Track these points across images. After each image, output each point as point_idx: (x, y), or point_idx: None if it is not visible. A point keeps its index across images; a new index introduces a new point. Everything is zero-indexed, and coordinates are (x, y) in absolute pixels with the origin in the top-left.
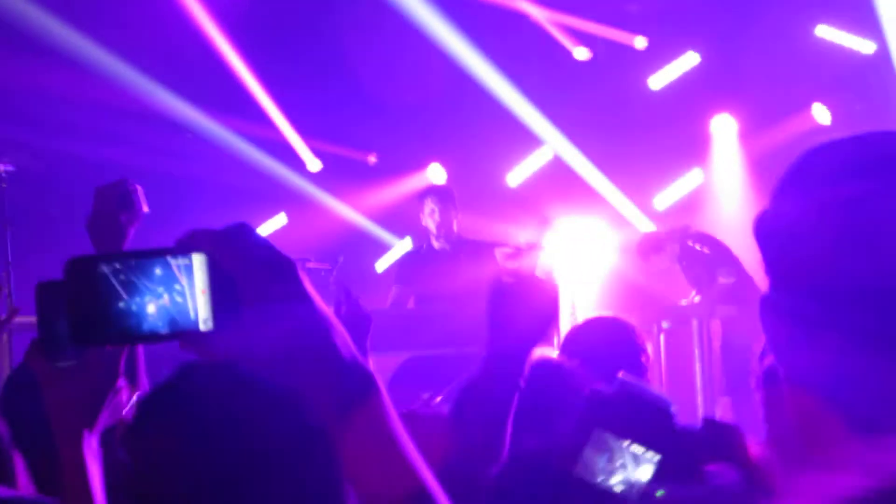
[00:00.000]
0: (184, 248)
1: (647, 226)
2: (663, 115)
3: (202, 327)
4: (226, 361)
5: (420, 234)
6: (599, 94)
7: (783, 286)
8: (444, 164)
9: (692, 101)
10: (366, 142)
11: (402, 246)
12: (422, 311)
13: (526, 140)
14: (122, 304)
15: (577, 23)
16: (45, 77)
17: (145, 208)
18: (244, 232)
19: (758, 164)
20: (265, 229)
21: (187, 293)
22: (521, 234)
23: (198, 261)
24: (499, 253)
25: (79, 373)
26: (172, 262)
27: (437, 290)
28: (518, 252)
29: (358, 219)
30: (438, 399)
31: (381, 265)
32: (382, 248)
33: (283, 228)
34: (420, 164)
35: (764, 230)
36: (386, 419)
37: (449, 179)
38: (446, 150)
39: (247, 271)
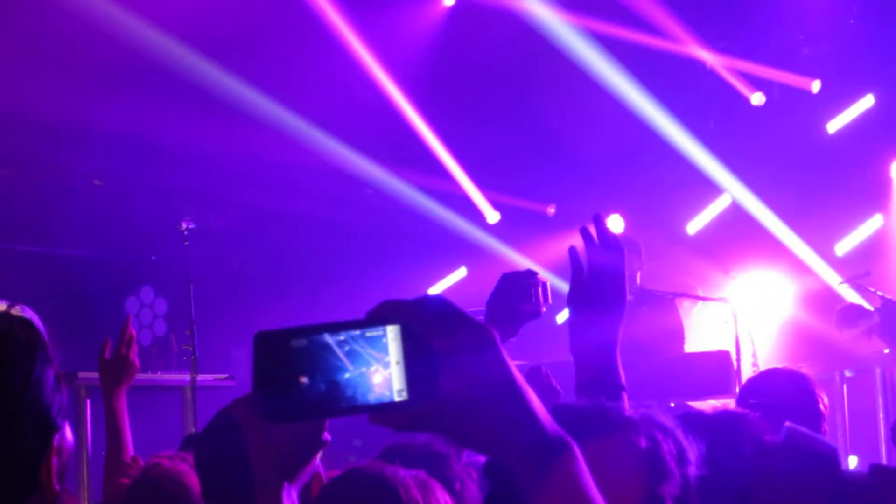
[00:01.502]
0: (376, 320)
1: (827, 273)
2: (841, 159)
3: (397, 398)
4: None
5: None
6: (776, 139)
7: None
8: (624, 213)
9: (870, 144)
10: (544, 193)
11: None
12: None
13: (704, 188)
14: (315, 379)
15: (751, 68)
16: (228, 136)
17: (545, 306)
18: (440, 301)
19: None
20: (448, 282)
21: (381, 365)
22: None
23: (391, 332)
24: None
25: (286, 426)
26: (365, 334)
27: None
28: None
29: (538, 270)
30: None
31: (562, 317)
32: (563, 301)
33: (464, 281)
34: None
35: None
36: (583, 482)
37: (628, 229)
38: (625, 199)
39: (445, 341)
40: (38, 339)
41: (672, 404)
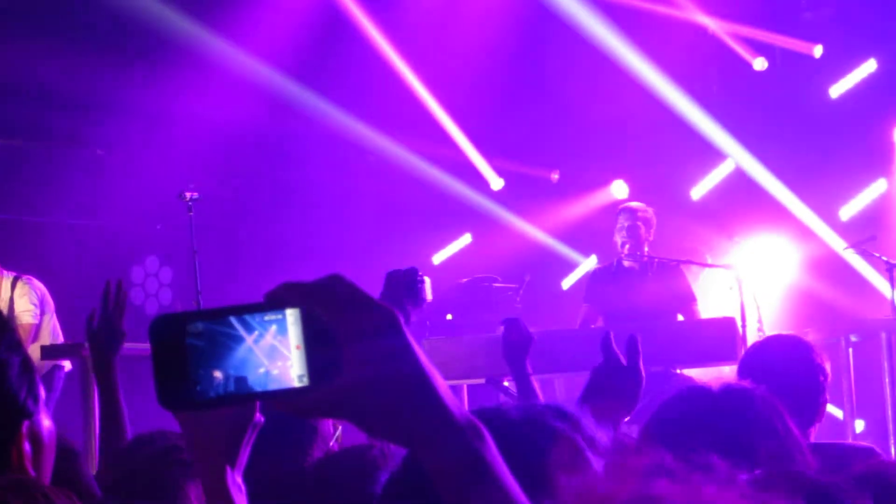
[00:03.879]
0: (275, 303)
1: (831, 238)
2: (844, 123)
3: (297, 384)
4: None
5: (608, 251)
6: (779, 104)
7: None
8: (628, 180)
9: (873, 108)
10: (548, 159)
11: (587, 264)
12: (609, 330)
13: (708, 153)
14: (215, 364)
15: (753, 33)
16: (230, 111)
17: (429, 298)
18: (339, 284)
19: None
20: (453, 248)
21: (281, 350)
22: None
23: (292, 316)
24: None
25: (217, 412)
26: (264, 318)
27: (625, 308)
28: None
29: (542, 237)
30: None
31: (567, 283)
32: (568, 266)
33: (469, 248)
34: (603, 181)
35: None
36: (494, 468)
37: (632, 195)
38: (629, 166)
39: (345, 324)
40: (3, 324)
41: (678, 370)
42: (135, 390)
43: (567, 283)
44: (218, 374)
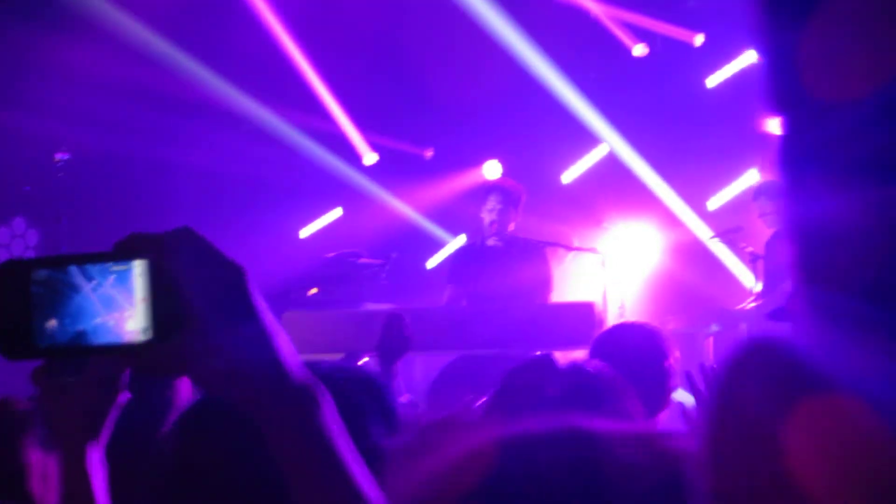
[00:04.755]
0: (123, 254)
1: (698, 226)
2: (719, 114)
3: (141, 337)
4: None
5: (474, 230)
6: (656, 91)
7: (825, 284)
8: (501, 160)
9: (749, 100)
10: (422, 136)
11: (455, 243)
12: (471, 310)
13: (582, 137)
14: (55, 314)
15: (635, 19)
16: (103, 68)
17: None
18: (189, 237)
19: None
20: (321, 222)
21: (126, 302)
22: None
23: (139, 267)
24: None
25: (80, 388)
26: (111, 268)
27: (488, 289)
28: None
29: (412, 214)
30: (480, 402)
31: (433, 262)
32: (436, 245)
33: (338, 222)
34: (476, 161)
35: (804, 223)
36: (325, 431)
37: (504, 176)
38: (502, 146)
39: (191, 278)
40: None
41: (537, 353)
42: None
43: (433, 262)
44: (60, 324)
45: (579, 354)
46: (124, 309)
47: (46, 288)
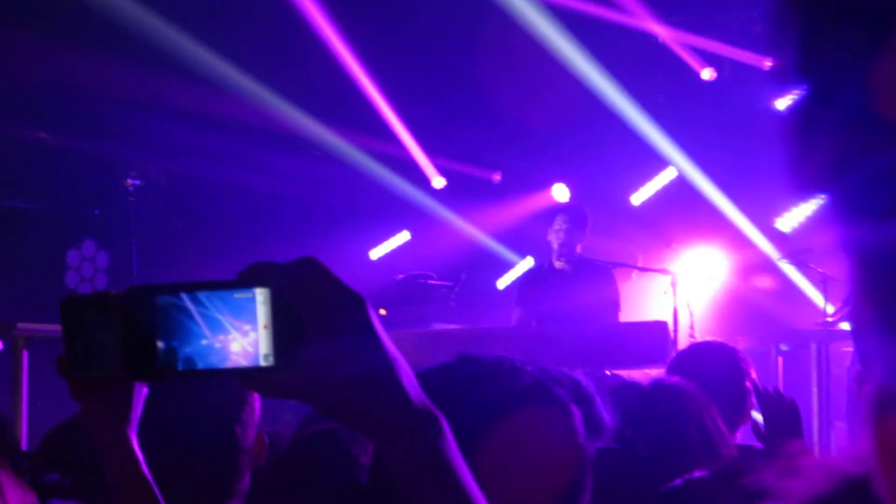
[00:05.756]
0: (246, 282)
1: (768, 247)
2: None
3: (262, 363)
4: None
5: (542, 252)
6: (725, 114)
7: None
8: (569, 183)
9: None
10: (490, 160)
11: (523, 265)
12: (541, 329)
13: (650, 160)
14: (178, 338)
15: (703, 43)
16: (173, 94)
17: None
18: (312, 266)
19: None
20: (390, 245)
21: (248, 328)
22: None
23: (261, 295)
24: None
25: (103, 381)
26: (233, 295)
27: (556, 311)
28: None
29: (481, 237)
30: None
31: (503, 283)
32: (504, 267)
33: (407, 245)
34: (544, 184)
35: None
36: (447, 456)
37: (573, 198)
38: (571, 169)
39: (313, 306)
40: None
41: (607, 372)
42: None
43: (502, 283)
44: (185, 348)
45: (653, 373)
46: (248, 335)
47: (172, 314)
